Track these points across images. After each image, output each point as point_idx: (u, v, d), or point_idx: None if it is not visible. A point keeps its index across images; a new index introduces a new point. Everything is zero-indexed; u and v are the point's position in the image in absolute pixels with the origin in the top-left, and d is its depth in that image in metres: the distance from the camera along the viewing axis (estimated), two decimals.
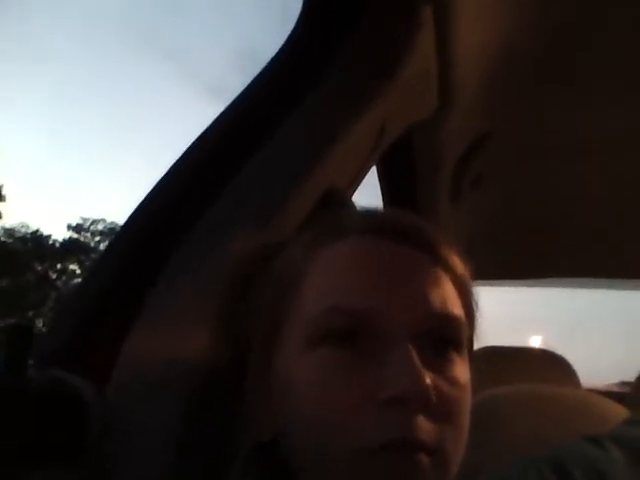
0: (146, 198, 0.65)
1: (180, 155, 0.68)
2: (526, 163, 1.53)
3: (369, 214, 0.58)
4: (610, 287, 2.27)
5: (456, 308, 0.53)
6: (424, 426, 0.47)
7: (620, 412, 1.07)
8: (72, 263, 26.89)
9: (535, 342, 3.48)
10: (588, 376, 2.27)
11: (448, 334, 0.52)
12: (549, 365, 1.78)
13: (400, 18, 0.83)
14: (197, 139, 0.69)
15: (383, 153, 0.95)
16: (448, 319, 0.52)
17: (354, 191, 0.87)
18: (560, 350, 1.95)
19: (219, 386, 0.56)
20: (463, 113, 1.13)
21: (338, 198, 0.75)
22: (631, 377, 1.85)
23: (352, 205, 0.76)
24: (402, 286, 0.51)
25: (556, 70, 1.18)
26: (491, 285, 2.14)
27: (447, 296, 0.53)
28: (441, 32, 0.90)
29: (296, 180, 0.69)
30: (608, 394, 1.82)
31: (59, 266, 26.64)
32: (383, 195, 1.26)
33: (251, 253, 0.62)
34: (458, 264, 0.57)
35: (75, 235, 27.62)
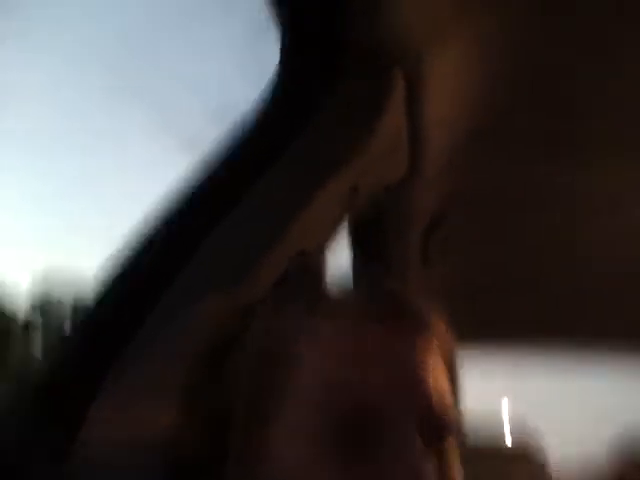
0: (116, 262, 0.63)
1: (145, 221, 0.66)
2: (492, 228, 1.55)
3: (365, 294, 0.55)
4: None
5: (450, 394, 0.52)
6: None
7: None
8: None
9: (504, 404, 3.47)
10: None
11: (446, 427, 0.49)
12: (519, 461, 1.77)
13: (372, 83, 0.84)
14: (166, 202, 0.68)
15: (353, 216, 0.94)
16: (446, 408, 0.50)
17: (326, 252, 0.85)
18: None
19: (191, 465, 0.52)
20: (436, 174, 1.14)
21: (309, 263, 0.73)
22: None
23: (323, 270, 0.74)
24: (408, 377, 0.49)
25: (529, 134, 1.19)
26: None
27: (443, 381, 0.51)
28: (412, 96, 0.91)
29: (267, 244, 0.68)
30: None
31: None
32: (353, 255, 1.25)
33: (224, 319, 0.59)
34: (448, 338, 0.55)
35: None
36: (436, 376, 0.50)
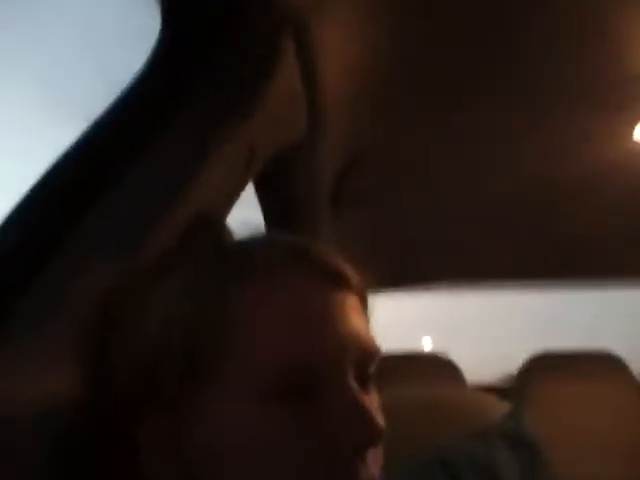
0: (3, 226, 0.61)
1: (35, 182, 0.64)
2: (402, 176, 1.59)
3: (293, 255, 0.55)
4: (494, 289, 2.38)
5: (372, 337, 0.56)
6: (373, 462, 0.50)
7: (502, 407, 1.13)
8: None
9: (426, 342, 3.58)
10: (477, 369, 2.38)
11: (372, 367, 0.54)
12: (435, 368, 1.85)
13: (261, 45, 0.84)
14: (53, 166, 0.66)
15: (259, 173, 0.96)
16: (377, 354, 0.54)
17: (228, 212, 0.86)
18: (448, 348, 2.03)
19: (91, 433, 0.52)
20: (335, 133, 1.16)
21: (209, 223, 0.74)
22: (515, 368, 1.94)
23: (226, 229, 0.75)
24: (347, 332, 0.52)
25: (425, 81, 1.23)
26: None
27: (367, 329, 0.56)
28: (303, 54, 0.92)
29: (164, 205, 0.68)
30: (491, 390, 1.91)
31: None
32: (263, 213, 1.27)
33: (120, 283, 0.58)
34: (364, 287, 0.58)
35: None
36: (359, 324, 0.54)
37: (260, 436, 0.48)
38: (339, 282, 0.54)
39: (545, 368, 1.67)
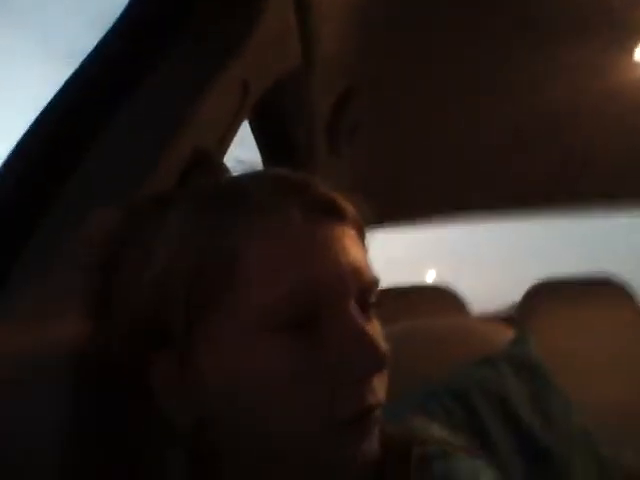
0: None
1: (27, 129, 0.63)
2: (398, 109, 1.57)
3: (289, 188, 0.55)
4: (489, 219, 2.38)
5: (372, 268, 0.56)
6: (378, 386, 0.51)
7: (507, 334, 1.14)
8: None
9: (430, 276, 3.61)
10: (483, 301, 2.40)
11: (373, 297, 0.55)
12: (439, 299, 1.86)
13: None
14: (43, 111, 0.64)
15: (254, 109, 0.94)
16: (376, 284, 0.55)
17: (226, 149, 0.86)
18: (454, 281, 2.04)
19: (109, 377, 0.52)
20: (329, 66, 1.14)
21: (206, 160, 0.73)
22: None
23: (223, 167, 0.74)
24: (346, 262, 0.52)
25: (422, 13, 1.20)
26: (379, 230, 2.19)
27: (366, 260, 0.56)
28: None
29: (160, 144, 0.67)
30: (496, 318, 1.93)
31: None
32: (260, 150, 1.26)
33: (120, 225, 0.58)
34: (360, 220, 0.58)
35: None
36: (357, 254, 0.54)
37: (266, 366, 0.48)
38: (335, 214, 0.54)
39: (548, 295, 1.68)
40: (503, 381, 1.00)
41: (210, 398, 0.51)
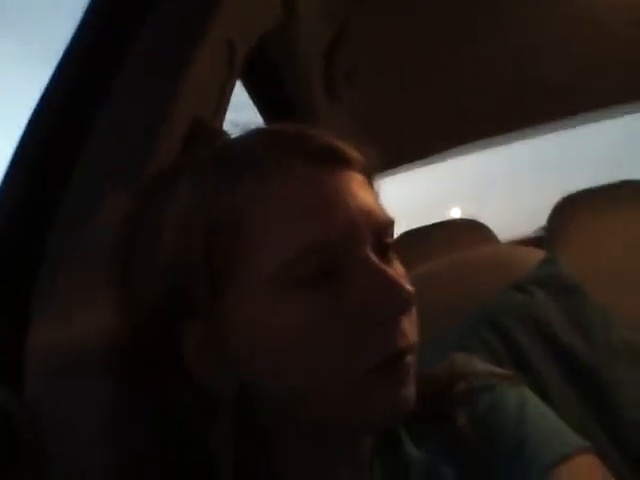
0: (5, 176, 0.61)
1: (26, 125, 0.64)
2: (393, 46, 1.53)
3: (286, 141, 0.55)
4: (503, 143, 2.34)
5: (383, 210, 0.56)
6: (408, 328, 0.50)
7: (536, 255, 1.12)
8: None
9: (455, 213, 3.57)
10: (512, 228, 2.37)
11: (390, 238, 0.54)
12: (466, 232, 1.84)
13: None
14: (39, 104, 0.64)
15: (245, 68, 0.92)
16: (391, 225, 0.55)
17: (223, 114, 0.84)
18: (480, 214, 2.01)
19: (144, 357, 0.53)
20: (314, 14, 1.11)
21: (206, 128, 0.72)
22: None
23: (223, 133, 0.73)
24: (356, 207, 0.51)
25: None
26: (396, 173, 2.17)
27: (377, 202, 0.55)
28: None
29: (157, 118, 0.66)
30: (524, 242, 1.90)
31: None
32: (258, 110, 1.24)
33: (132, 203, 0.58)
34: (367, 165, 0.57)
35: None
36: (367, 198, 0.54)
37: (291, 320, 0.48)
38: (339, 160, 0.54)
39: (574, 209, 1.65)
40: (537, 304, 0.99)
41: (243, 361, 0.51)
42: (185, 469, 0.52)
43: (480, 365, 0.66)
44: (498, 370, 0.65)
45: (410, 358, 0.50)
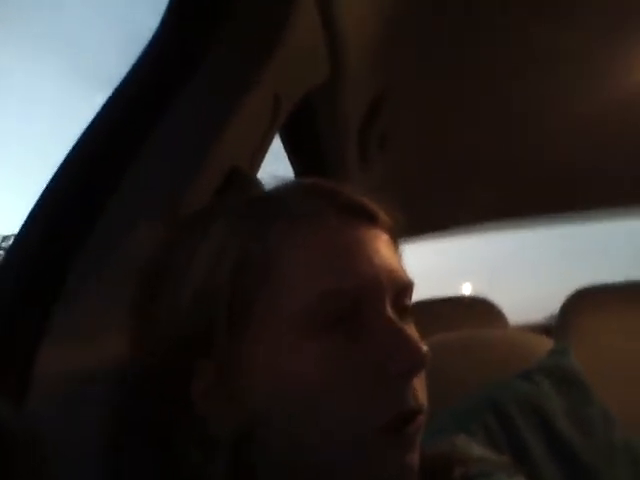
0: (37, 204, 0.61)
1: (67, 153, 0.65)
2: (429, 116, 1.55)
3: (320, 194, 0.56)
4: (525, 226, 2.34)
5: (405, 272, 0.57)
6: (420, 389, 0.51)
7: (546, 344, 1.12)
8: None
9: (466, 289, 3.56)
10: (521, 313, 2.36)
11: (408, 300, 0.55)
12: (476, 310, 1.84)
13: None
14: (82, 135, 0.66)
15: (285, 122, 0.94)
16: (411, 287, 0.56)
17: (259, 163, 0.86)
18: (491, 293, 2.01)
19: (151, 391, 0.53)
20: (358, 75, 1.13)
21: (242, 176, 0.73)
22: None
23: (258, 182, 0.74)
24: (380, 263, 0.53)
25: (448, 19, 1.19)
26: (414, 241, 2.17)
27: (400, 263, 0.57)
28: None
29: (196, 161, 0.68)
30: (534, 329, 1.89)
31: None
32: (291, 162, 1.26)
33: (163, 239, 0.59)
34: (393, 226, 0.59)
35: None
36: (392, 257, 0.55)
37: (309, 369, 0.49)
38: (367, 217, 0.55)
39: (588, 302, 1.64)
40: (542, 396, 0.98)
41: (252, 406, 0.51)
42: None
43: (479, 451, 0.65)
44: (496, 458, 0.65)
45: (420, 419, 0.51)
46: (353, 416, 0.48)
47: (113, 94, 0.68)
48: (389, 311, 0.51)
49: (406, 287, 0.55)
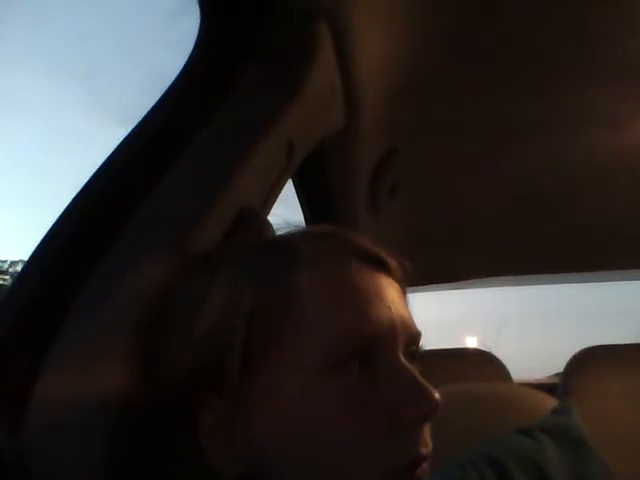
0: (49, 232, 0.63)
1: (83, 185, 0.67)
2: (439, 172, 1.57)
3: (337, 240, 0.57)
4: (534, 283, 2.34)
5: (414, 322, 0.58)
6: (428, 436, 0.52)
7: (549, 402, 1.11)
8: None
9: (471, 343, 3.54)
10: (525, 371, 2.34)
11: (416, 349, 0.57)
12: (480, 364, 1.82)
13: (298, 35, 0.85)
14: (99, 170, 0.67)
15: (298, 168, 0.96)
16: (419, 336, 0.57)
17: (270, 208, 0.87)
18: (495, 347, 1.99)
19: (154, 424, 0.53)
20: (372, 126, 1.15)
21: (252, 218, 0.74)
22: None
23: (268, 224, 0.75)
24: (395, 311, 0.54)
25: (462, 76, 1.21)
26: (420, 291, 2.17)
27: (409, 312, 0.58)
28: (340, 46, 0.92)
29: (207, 203, 0.69)
30: (539, 386, 1.87)
31: None
32: (302, 208, 1.28)
33: (174, 275, 0.60)
34: (402, 275, 0.60)
35: None
36: (403, 305, 0.57)
37: (324, 412, 0.49)
38: (383, 267, 0.56)
39: (594, 363, 1.62)
40: (543, 454, 0.97)
41: (259, 446, 0.51)
42: None
43: None
44: None
45: (426, 466, 0.51)
46: (368, 460, 0.48)
47: (131, 132, 0.70)
48: (403, 358, 0.52)
49: (415, 335, 0.56)
